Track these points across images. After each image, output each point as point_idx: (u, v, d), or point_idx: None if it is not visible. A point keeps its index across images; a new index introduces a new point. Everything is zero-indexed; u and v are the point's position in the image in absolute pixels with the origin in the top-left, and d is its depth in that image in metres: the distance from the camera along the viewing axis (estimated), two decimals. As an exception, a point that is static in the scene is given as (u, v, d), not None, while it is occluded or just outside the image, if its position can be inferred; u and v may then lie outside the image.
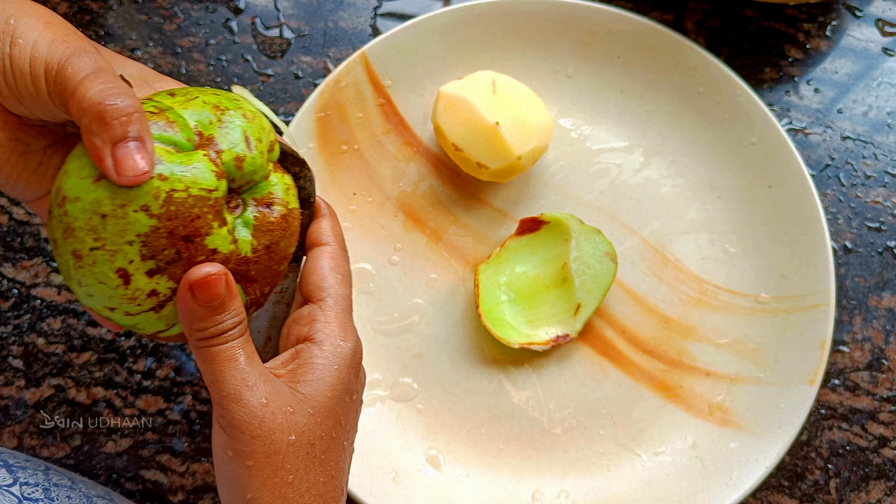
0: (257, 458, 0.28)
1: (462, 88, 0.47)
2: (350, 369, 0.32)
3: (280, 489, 0.29)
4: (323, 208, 0.35)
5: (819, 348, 0.47)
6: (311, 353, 0.31)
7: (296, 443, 0.29)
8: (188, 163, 0.28)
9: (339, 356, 0.31)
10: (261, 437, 0.28)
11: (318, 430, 0.30)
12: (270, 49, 0.54)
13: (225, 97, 0.31)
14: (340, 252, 0.34)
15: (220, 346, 0.29)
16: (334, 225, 0.35)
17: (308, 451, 0.30)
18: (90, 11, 0.54)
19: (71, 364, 0.49)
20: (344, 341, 0.31)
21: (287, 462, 0.29)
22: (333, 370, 0.31)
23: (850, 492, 0.49)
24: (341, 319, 0.32)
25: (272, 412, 0.29)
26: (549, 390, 0.48)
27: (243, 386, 0.29)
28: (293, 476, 0.29)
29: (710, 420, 0.47)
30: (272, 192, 0.31)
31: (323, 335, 0.31)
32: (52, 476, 0.39)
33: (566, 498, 0.47)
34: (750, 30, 0.54)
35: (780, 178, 0.49)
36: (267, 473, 0.28)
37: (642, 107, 0.51)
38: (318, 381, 0.30)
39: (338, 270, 0.33)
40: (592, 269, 0.47)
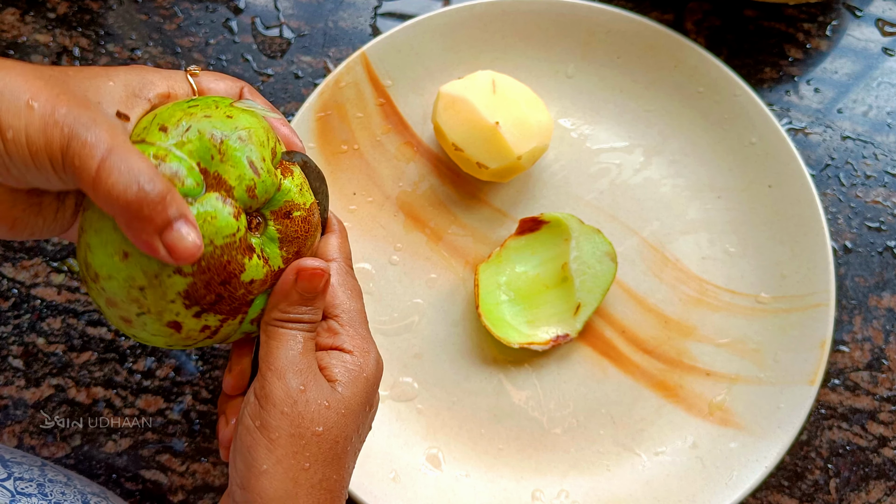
0: (281, 434, 0.29)
1: (462, 88, 0.47)
2: (376, 381, 0.33)
3: (294, 472, 0.29)
4: (334, 224, 0.36)
5: (819, 348, 0.47)
6: (344, 359, 0.32)
7: (322, 434, 0.30)
8: (206, 214, 0.29)
9: (367, 367, 0.33)
10: (290, 416, 0.29)
11: (345, 430, 0.31)
12: (270, 49, 0.54)
13: (218, 115, 0.30)
14: (346, 268, 0.35)
15: (288, 329, 0.31)
16: (343, 242, 0.36)
17: (331, 446, 0.30)
18: (90, 11, 0.54)
19: (71, 364, 0.49)
20: (368, 353, 0.33)
21: (308, 449, 0.30)
22: (363, 378, 0.32)
23: (850, 492, 0.49)
24: (362, 333, 0.33)
25: (307, 399, 0.30)
26: (548, 390, 0.48)
27: (291, 367, 0.30)
28: (310, 464, 0.30)
29: (710, 420, 0.47)
30: (288, 201, 0.32)
31: (352, 345, 0.33)
32: (47, 472, 0.40)
33: (566, 498, 0.47)
34: (750, 30, 0.54)
35: (780, 178, 0.49)
36: (286, 452, 0.29)
37: (642, 107, 0.51)
38: (353, 384, 0.32)
39: (346, 286, 0.34)
40: (592, 269, 0.47)
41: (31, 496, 0.37)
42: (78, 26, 0.54)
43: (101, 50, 0.53)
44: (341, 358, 0.32)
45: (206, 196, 0.29)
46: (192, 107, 0.30)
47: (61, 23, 0.54)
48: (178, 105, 0.31)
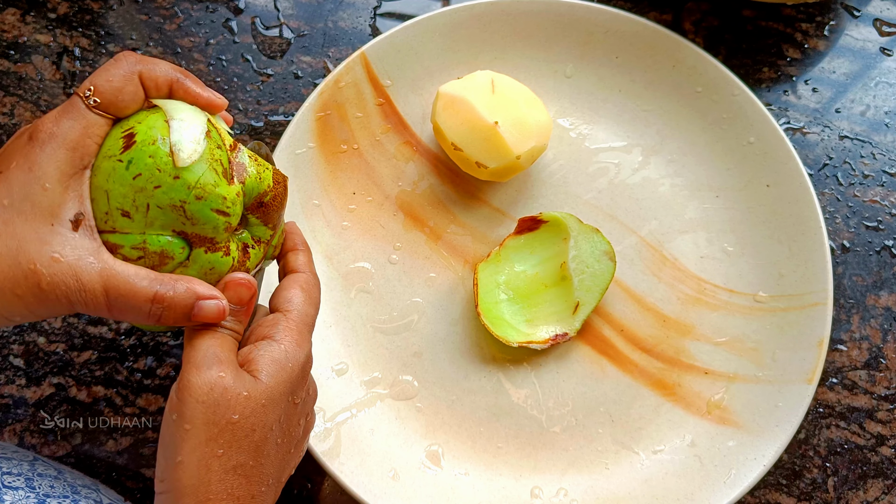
0: (195, 424, 0.30)
1: (461, 88, 0.47)
2: (301, 374, 0.34)
3: (207, 458, 0.30)
4: (299, 244, 0.38)
5: (817, 347, 0.47)
6: (272, 348, 0.33)
7: (237, 423, 0.31)
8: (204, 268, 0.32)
9: (293, 358, 0.33)
10: (204, 404, 0.30)
11: (264, 419, 0.32)
12: (270, 49, 0.54)
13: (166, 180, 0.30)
14: (314, 281, 0.37)
15: (213, 331, 0.32)
16: (309, 260, 0.38)
17: (247, 433, 0.31)
18: (90, 11, 0.54)
19: (71, 363, 0.49)
20: (300, 347, 0.34)
21: (222, 437, 0.30)
22: (288, 367, 0.33)
23: (847, 490, 0.49)
24: (301, 330, 0.34)
25: (224, 386, 0.30)
26: (547, 389, 0.49)
27: (210, 359, 0.31)
28: (223, 451, 0.30)
29: (709, 418, 0.48)
30: (258, 195, 0.33)
31: (282, 336, 0.33)
32: (37, 467, 0.40)
33: (565, 496, 0.47)
34: (748, 30, 0.54)
35: (778, 178, 0.49)
36: (200, 440, 0.30)
37: (641, 106, 0.52)
38: (277, 374, 0.32)
39: (308, 293, 0.36)
40: (591, 269, 0.48)
41: (17, 489, 0.37)
42: (78, 26, 0.54)
43: (102, 50, 0.53)
44: (269, 347, 0.33)
45: (196, 253, 0.32)
46: (137, 177, 0.30)
47: (62, 23, 0.54)
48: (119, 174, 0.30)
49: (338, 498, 0.48)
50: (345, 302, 0.49)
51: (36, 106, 0.53)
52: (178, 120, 0.31)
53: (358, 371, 0.48)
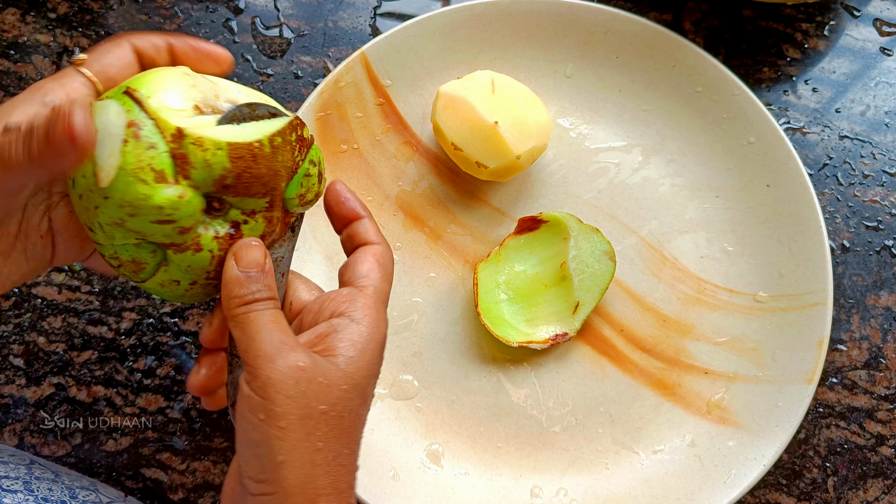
0: (291, 420, 0.28)
1: (461, 88, 0.47)
2: (381, 353, 0.32)
3: (311, 454, 0.29)
4: (362, 210, 0.36)
5: (817, 347, 0.47)
6: (350, 330, 0.31)
7: (327, 412, 0.29)
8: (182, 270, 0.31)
9: (375, 338, 0.31)
10: (296, 398, 0.28)
11: (350, 403, 0.30)
12: (270, 49, 0.54)
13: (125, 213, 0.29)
14: (388, 253, 0.35)
15: (257, 311, 0.30)
16: (377, 228, 0.36)
17: (338, 422, 0.30)
18: (90, 11, 0.54)
19: (71, 363, 0.49)
20: (377, 327, 0.32)
21: (319, 429, 0.29)
22: (370, 349, 0.31)
23: (847, 490, 0.49)
24: (378, 307, 0.32)
25: (308, 377, 0.29)
26: (547, 389, 0.49)
27: (281, 347, 0.29)
28: (323, 444, 0.29)
29: (709, 418, 0.48)
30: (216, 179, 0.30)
31: (362, 315, 0.31)
32: (34, 470, 0.40)
33: (565, 496, 0.47)
34: (748, 29, 0.54)
35: (778, 178, 0.49)
36: (299, 437, 0.29)
37: (641, 106, 0.52)
38: (357, 356, 0.30)
39: (384, 267, 0.34)
40: (591, 268, 0.48)
41: (16, 493, 0.37)
42: (78, 26, 0.54)
43: (102, 50, 0.53)
44: (348, 329, 0.31)
45: (169, 255, 0.31)
46: (81, 197, 0.29)
47: (62, 23, 0.54)
48: (71, 192, 0.30)
49: (338, 498, 0.48)
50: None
51: (36, 106, 0.53)
52: (99, 131, 0.29)
53: (358, 371, 0.48)
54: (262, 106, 0.31)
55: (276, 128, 0.31)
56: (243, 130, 0.30)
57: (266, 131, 0.31)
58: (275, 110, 0.32)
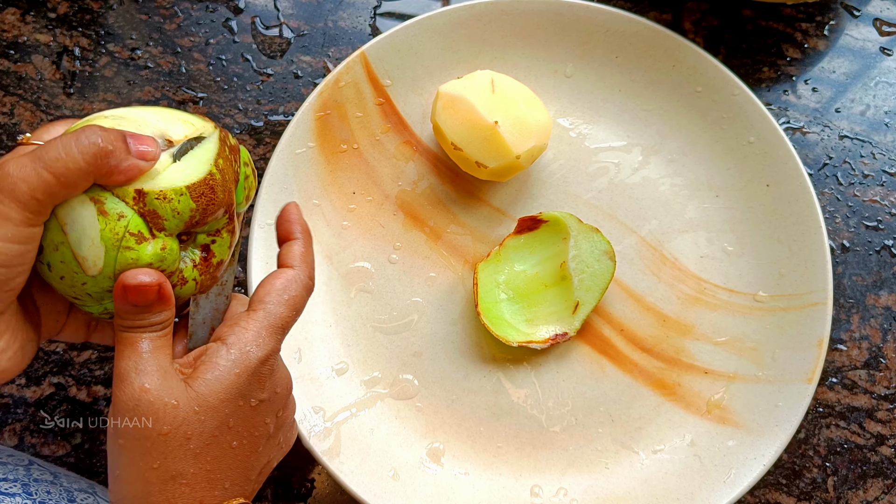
0: (128, 439, 0.30)
1: (461, 88, 0.47)
2: (252, 376, 0.32)
3: (144, 472, 0.30)
4: (296, 232, 0.36)
5: (817, 347, 0.47)
6: (218, 354, 0.32)
7: (168, 433, 0.30)
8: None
9: (242, 362, 0.32)
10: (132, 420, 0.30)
11: (199, 426, 0.31)
12: (270, 48, 0.54)
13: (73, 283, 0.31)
14: (301, 278, 0.35)
15: (130, 332, 0.31)
16: (306, 251, 0.36)
17: (181, 443, 0.30)
18: (90, 11, 0.54)
19: (71, 362, 0.49)
20: (254, 349, 0.32)
21: (155, 449, 0.30)
22: (233, 374, 0.32)
23: (847, 490, 0.49)
24: (258, 330, 0.33)
25: (150, 400, 0.30)
26: (547, 388, 0.49)
27: (133, 370, 0.30)
28: (159, 463, 0.30)
29: (709, 418, 0.48)
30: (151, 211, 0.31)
31: (234, 339, 0.32)
32: (33, 472, 0.40)
33: (564, 496, 0.47)
34: (748, 29, 0.54)
35: (777, 177, 0.49)
36: (134, 456, 0.30)
37: (640, 106, 0.52)
38: (214, 380, 0.31)
39: (285, 293, 0.34)
40: (591, 268, 0.48)
41: (14, 496, 0.37)
42: (78, 26, 0.54)
43: (102, 50, 0.53)
44: (216, 352, 0.32)
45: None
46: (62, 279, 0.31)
47: (62, 22, 0.54)
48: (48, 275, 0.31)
49: (338, 498, 0.48)
50: (345, 302, 0.49)
51: (36, 106, 0.53)
52: (71, 226, 0.30)
53: (358, 371, 0.48)
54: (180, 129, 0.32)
55: (215, 150, 0.32)
56: (190, 167, 0.31)
57: (209, 158, 0.32)
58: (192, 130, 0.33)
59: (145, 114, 0.32)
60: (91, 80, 0.53)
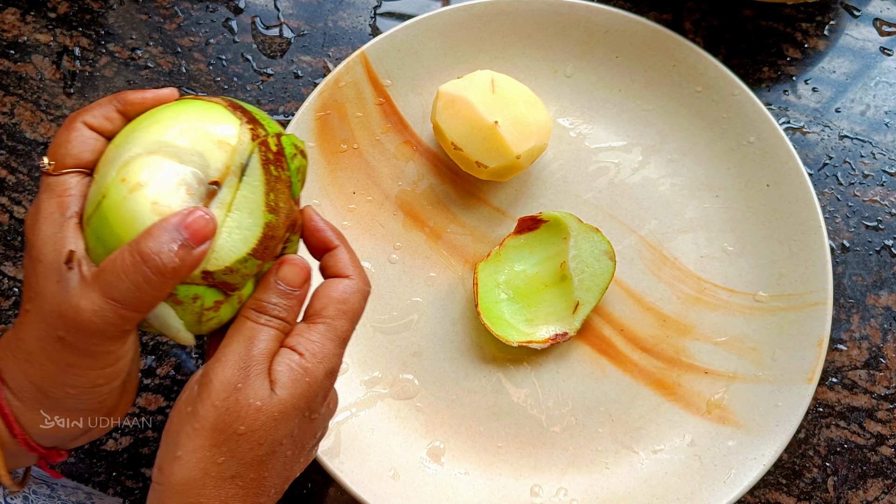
0: (205, 425, 0.30)
1: (461, 88, 0.47)
2: (319, 390, 0.32)
3: (206, 464, 0.30)
4: (334, 239, 0.35)
5: (817, 346, 0.47)
6: (291, 359, 0.32)
7: (243, 434, 0.30)
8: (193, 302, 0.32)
9: (312, 373, 0.32)
10: (217, 409, 0.30)
11: (272, 434, 0.31)
12: (270, 48, 0.54)
13: None
14: (361, 287, 0.34)
15: (255, 323, 0.31)
16: (352, 257, 0.35)
17: (252, 447, 0.30)
18: (90, 11, 0.54)
19: (71, 362, 0.49)
20: (320, 363, 0.32)
21: (226, 445, 0.30)
22: (306, 383, 0.31)
23: (847, 490, 0.49)
24: (325, 345, 0.33)
25: (238, 398, 0.30)
26: (547, 388, 0.49)
27: (237, 361, 0.30)
28: (224, 459, 0.30)
29: (709, 418, 0.48)
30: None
31: (304, 349, 0.32)
32: (31, 484, 0.40)
33: (564, 496, 0.47)
34: (748, 29, 0.54)
35: (777, 177, 0.49)
36: (204, 443, 0.30)
37: (640, 106, 0.52)
38: (293, 387, 0.31)
39: (344, 304, 0.33)
40: (591, 268, 0.48)
41: None
42: (78, 26, 0.54)
43: (102, 50, 0.53)
44: (289, 357, 0.31)
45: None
46: None
47: (62, 22, 0.54)
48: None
49: (338, 498, 0.48)
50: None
51: (36, 106, 0.53)
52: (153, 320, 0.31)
53: (358, 371, 0.49)
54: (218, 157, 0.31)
55: (262, 186, 0.31)
56: (245, 223, 0.31)
57: (260, 201, 0.31)
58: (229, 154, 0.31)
59: (176, 135, 0.31)
60: (91, 79, 0.53)
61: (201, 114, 0.31)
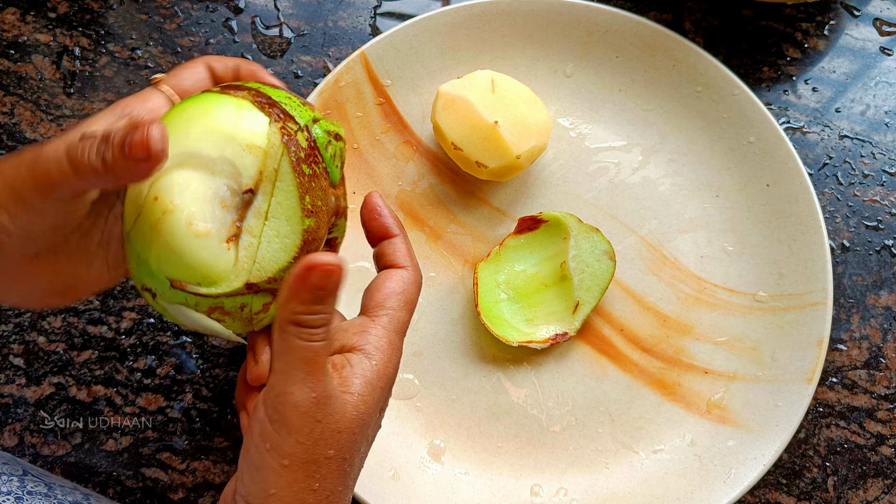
0: (294, 461, 0.29)
1: (461, 88, 0.47)
2: (389, 387, 0.32)
3: (304, 494, 0.29)
4: (394, 228, 0.35)
5: (817, 346, 0.47)
6: (363, 366, 0.31)
7: (333, 457, 0.30)
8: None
9: (384, 374, 0.31)
10: (305, 445, 0.29)
11: (355, 446, 0.31)
12: (270, 48, 0.54)
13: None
14: (413, 278, 0.34)
15: (305, 342, 0.29)
16: (408, 247, 0.35)
17: (340, 464, 0.30)
18: (90, 11, 0.54)
19: (71, 362, 0.49)
20: (389, 361, 0.32)
21: (319, 472, 0.29)
22: (379, 387, 0.31)
23: (847, 489, 0.49)
24: (391, 338, 0.32)
25: (322, 430, 0.29)
26: (547, 388, 0.49)
27: (308, 392, 0.29)
28: (319, 485, 0.29)
29: (709, 418, 0.48)
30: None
31: (374, 349, 0.31)
32: (27, 483, 0.39)
33: (564, 495, 0.47)
34: (748, 29, 0.54)
35: (778, 177, 0.49)
36: (297, 477, 0.29)
37: (640, 106, 0.52)
38: (368, 395, 0.31)
39: (404, 295, 0.33)
40: (591, 268, 0.48)
41: None
42: (78, 26, 0.54)
43: (102, 49, 0.53)
44: (361, 364, 0.31)
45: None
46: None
47: (62, 22, 0.54)
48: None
49: (338, 497, 0.48)
50: (345, 301, 0.49)
51: (36, 105, 0.53)
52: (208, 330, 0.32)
53: (358, 370, 0.49)
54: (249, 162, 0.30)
55: (296, 190, 0.30)
56: (283, 231, 0.30)
57: (295, 207, 0.30)
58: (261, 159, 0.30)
59: (204, 145, 0.30)
60: (91, 79, 0.53)
61: (228, 115, 0.30)
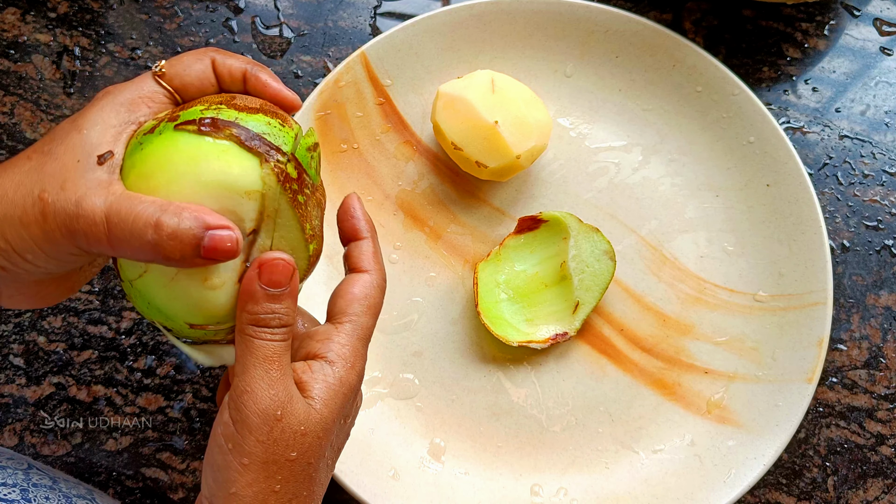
0: (254, 460, 0.29)
1: (461, 88, 0.47)
2: (352, 395, 0.32)
3: (264, 495, 0.29)
4: (364, 231, 0.35)
5: (817, 346, 0.47)
6: (325, 372, 0.31)
7: (295, 459, 0.30)
8: None
9: (347, 380, 0.31)
10: (265, 444, 0.29)
11: (320, 451, 0.31)
12: (270, 48, 0.54)
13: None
14: (376, 282, 0.34)
15: (263, 340, 0.29)
16: (376, 251, 0.35)
17: (303, 468, 0.30)
18: (90, 11, 0.54)
19: (71, 362, 0.49)
20: (352, 368, 0.32)
21: (280, 473, 0.30)
22: (342, 393, 0.31)
23: (847, 489, 0.49)
24: (354, 345, 0.32)
25: (283, 428, 0.29)
26: (547, 388, 0.49)
27: (267, 391, 0.29)
28: (280, 486, 0.30)
29: (709, 418, 0.48)
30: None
31: (336, 356, 0.32)
32: (32, 476, 0.39)
33: (565, 495, 0.47)
34: (748, 29, 0.54)
35: (777, 177, 0.49)
36: (257, 477, 0.29)
37: (640, 106, 0.52)
38: (331, 401, 0.31)
39: (367, 300, 0.33)
40: (591, 268, 0.48)
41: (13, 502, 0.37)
42: (78, 26, 0.54)
43: (102, 49, 0.53)
44: (322, 371, 0.31)
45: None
46: None
47: (62, 22, 0.54)
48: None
49: (338, 498, 0.48)
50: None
51: (36, 105, 0.53)
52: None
53: (358, 370, 0.49)
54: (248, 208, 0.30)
55: (296, 224, 0.30)
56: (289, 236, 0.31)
57: (298, 237, 0.31)
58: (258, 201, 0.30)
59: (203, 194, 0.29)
60: (91, 79, 0.53)
61: (218, 165, 0.29)
